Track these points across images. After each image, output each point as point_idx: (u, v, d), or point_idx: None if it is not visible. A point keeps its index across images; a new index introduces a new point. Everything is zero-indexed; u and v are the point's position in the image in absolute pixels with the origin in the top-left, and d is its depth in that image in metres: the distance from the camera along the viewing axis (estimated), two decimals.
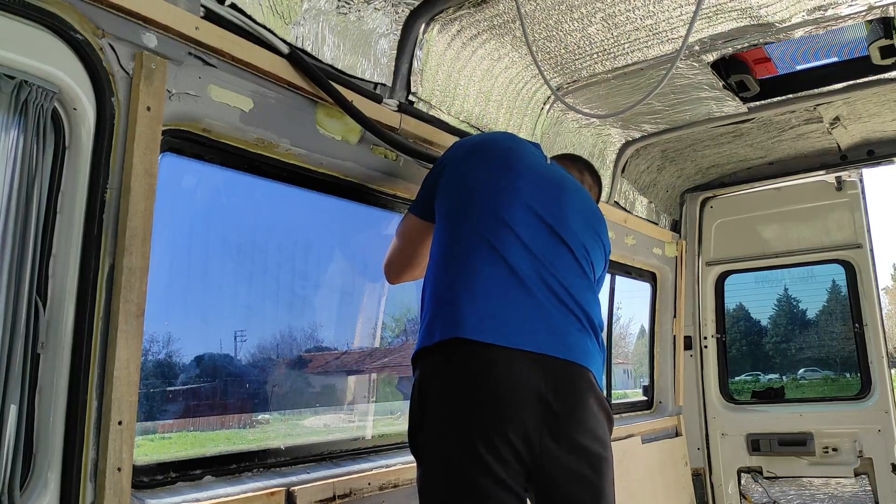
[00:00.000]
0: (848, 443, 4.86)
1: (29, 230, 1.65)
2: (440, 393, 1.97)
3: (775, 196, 5.12)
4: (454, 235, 2.16)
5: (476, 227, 2.12)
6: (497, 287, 2.02)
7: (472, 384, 1.92)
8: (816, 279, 5.47)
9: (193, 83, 2.05)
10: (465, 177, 2.26)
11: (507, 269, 2.05)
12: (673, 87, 3.46)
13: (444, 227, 2.22)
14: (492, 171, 2.25)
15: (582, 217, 2.29)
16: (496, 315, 1.97)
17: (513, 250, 2.07)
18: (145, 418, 2.29)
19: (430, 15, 2.70)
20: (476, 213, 2.15)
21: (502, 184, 2.20)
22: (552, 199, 2.24)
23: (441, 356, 1.98)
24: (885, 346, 4.97)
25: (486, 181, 2.21)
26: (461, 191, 2.23)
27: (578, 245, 2.20)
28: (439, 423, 1.95)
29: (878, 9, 2.80)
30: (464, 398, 1.91)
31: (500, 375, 1.90)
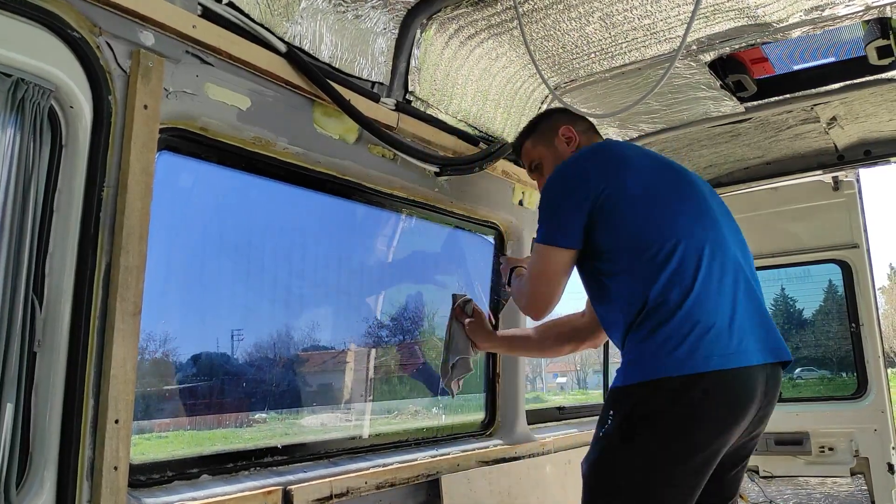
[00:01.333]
0: (844, 442, 4.87)
1: (25, 228, 1.65)
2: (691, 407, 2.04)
3: (772, 196, 5.13)
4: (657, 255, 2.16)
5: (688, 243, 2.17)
6: (728, 303, 2.14)
7: (730, 407, 2.07)
8: (813, 279, 5.48)
9: (191, 81, 2.05)
10: (630, 198, 2.24)
11: (726, 279, 2.17)
12: (670, 87, 3.47)
13: (632, 251, 2.20)
14: (653, 180, 2.31)
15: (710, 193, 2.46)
16: (740, 335, 2.10)
17: (718, 255, 2.19)
18: (142, 417, 2.29)
19: (427, 14, 2.70)
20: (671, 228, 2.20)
21: (670, 191, 2.30)
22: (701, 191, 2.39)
23: (704, 384, 2.03)
24: (882, 346, 4.98)
25: (657, 193, 2.27)
26: (631, 212, 2.23)
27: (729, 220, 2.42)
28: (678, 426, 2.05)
29: (876, 9, 2.80)
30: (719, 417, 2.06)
31: (749, 394, 2.09)
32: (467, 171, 3.05)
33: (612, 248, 2.23)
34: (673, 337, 2.04)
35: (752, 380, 2.07)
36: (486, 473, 3.10)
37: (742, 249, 2.34)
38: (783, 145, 4.39)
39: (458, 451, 3.09)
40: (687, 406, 2.01)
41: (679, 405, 2.01)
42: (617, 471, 2.10)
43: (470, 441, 3.32)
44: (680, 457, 2.03)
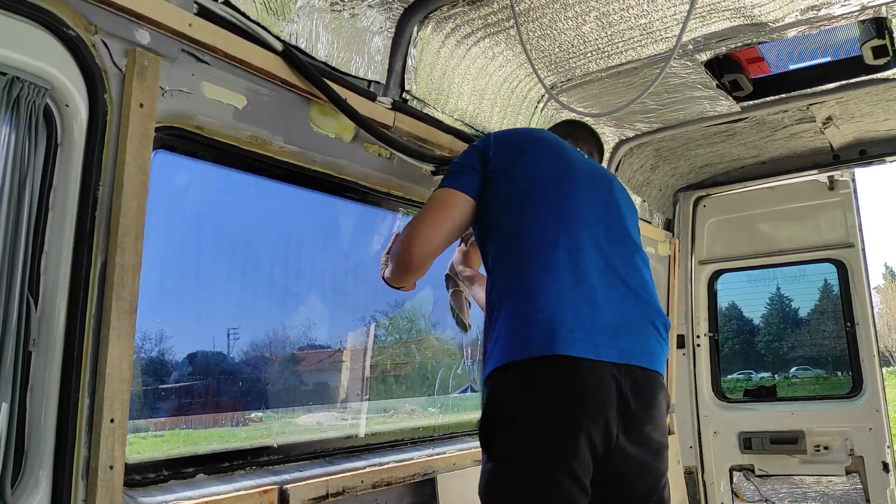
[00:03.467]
0: (839, 441, 4.88)
1: (21, 227, 1.64)
2: (532, 400, 1.97)
3: (768, 195, 5.14)
4: (527, 236, 2.15)
5: (552, 228, 2.14)
6: (583, 294, 2.06)
7: (565, 393, 1.95)
8: (808, 278, 5.50)
9: (186, 80, 2.04)
10: (524, 172, 2.25)
11: (587, 270, 2.10)
12: (666, 87, 3.47)
13: (509, 224, 2.19)
14: (552, 168, 2.29)
15: (623, 201, 2.41)
16: (586, 327, 2.01)
17: (587, 250, 2.14)
18: (137, 416, 2.29)
19: (424, 13, 2.70)
20: (546, 212, 2.18)
21: (564, 182, 2.25)
22: (602, 196, 2.34)
23: (539, 371, 1.97)
24: (877, 345, 5.00)
25: (549, 179, 2.25)
26: (521, 187, 2.22)
27: (628, 224, 2.34)
28: (525, 423, 1.97)
29: (871, 9, 2.81)
30: (555, 403, 1.95)
31: (590, 386, 1.97)
32: None
33: (487, 224, 2.24)
34: (508, 325, 2.03)
35: (579, 372, 1.96)
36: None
37: (622, 248, 2.25)
38: (779, 145, 4.40)
39: (454, 450, 3.09)
40: (517, 393, 1.98)
41: (511, 393, 1.99)
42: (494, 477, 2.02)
43: (466, 440, 3.32)
44: (519, 460, 1.96)
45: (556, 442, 1.92)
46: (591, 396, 1.96)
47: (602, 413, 1.96)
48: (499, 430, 1.99)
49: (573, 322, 1.99)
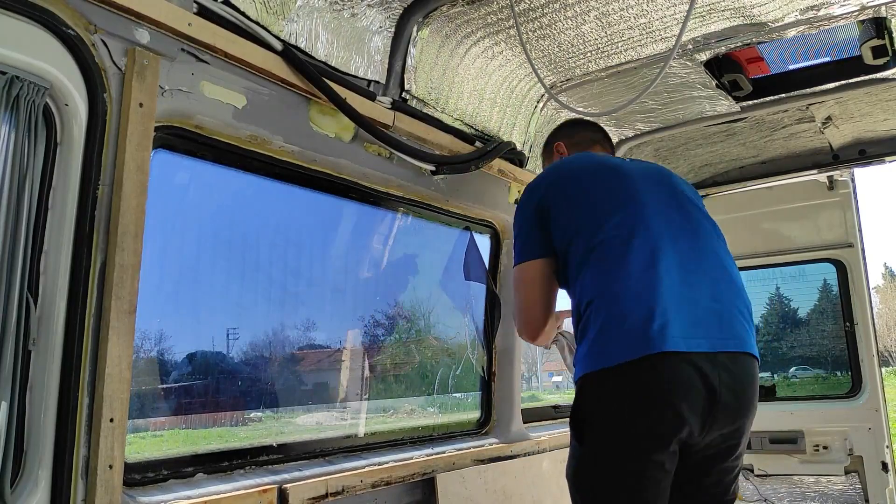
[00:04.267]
0: (838, 441, 4.89)
1: (20, 226, 1.64)
2: (626, 396, 2.06)
3: (767, 195, 5.14)
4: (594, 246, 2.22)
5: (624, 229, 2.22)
6: (666, 289, 2.12)
7: (657, 388, 2.04)
8: (808, 278, 5.50)
9: (186, 79, 2.04)
10: (581, 195, 2.34)
11: (665, 266, 2.15)
12: (666, 86, 3.47)
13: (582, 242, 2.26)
14: (602, 179, 2.39)
15: (686, 188, 2.50)
16: (673, 321, 2.07)
17: (664, 247, 2.19)
18: (137, 416, 2.28)
19: (423, 13, 2.70)
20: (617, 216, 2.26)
21: (622, 188, 2.34)
22: (664, 189, 2.41)
23: (632, 369, 2.04)
24: (876, 345, 5.00)
25: (608, 191, 2.34)
26: (584, 209, 2.31)
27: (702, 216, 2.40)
28: (618, 416, 2.07)
29: (871, 9, 2.81)
30: (648, 398, 2.04)
31: (682, 378, 2.04)
32: (463, 170, 3.06)
33: (559, 250, 2.33)
34: (598, 332, 2.10)
35: (676, 368, 2.03)
36: (482, 472, 3.11)
37: (694, 239, 2.29)
38: (778, 145, 4.40)
39: (453, 449, 3.09)
40: (611, 398, 2.06)
41: (604, 399, 2.08)
42: (580, 474, 2.16)
43: (465, 440, 3.32)
44: (620, 453, 2.06)
45: (648, 435, 2.03)
46: (683, 389, 2.04)
47: (693, 405, 2.04)
48: (592, 421, 2.10)
49: (661, 317, 2.06)
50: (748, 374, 2.16)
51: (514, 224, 2.52)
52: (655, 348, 2.01)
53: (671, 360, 2.02)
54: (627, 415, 2.04)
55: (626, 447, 2.05)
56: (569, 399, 2.86)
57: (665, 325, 2.03)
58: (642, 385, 2.03)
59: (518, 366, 3.55)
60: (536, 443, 3.53)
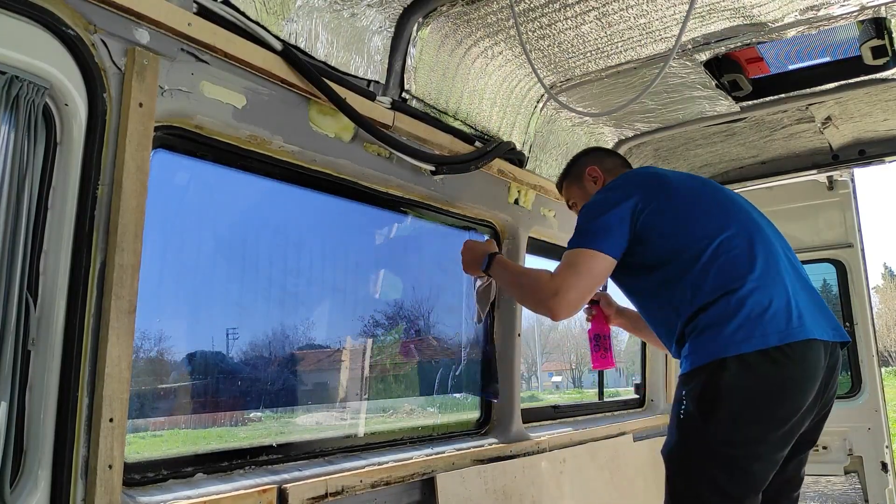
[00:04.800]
0: (838, 441, 4.89)
1: (20, 226, 1.64)
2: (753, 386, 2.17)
3: (767, 195, 5.14)
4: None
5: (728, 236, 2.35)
6: (782, 286, 2.28)
7: (808, 373, 2.19)
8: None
9: (186, 79, 2.04)
10: (670, 211, 2.44)
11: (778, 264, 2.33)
12: (666, 86, 3.47)
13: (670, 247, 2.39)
14: (691, 192, 2.52)
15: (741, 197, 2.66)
16: (798, 312, 2.22)
17: (762, 245, 2.37)
18: (136, 416, 2.28)
19: (423, 13, 2.70)
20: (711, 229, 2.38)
21: (705, 196, 2.51)
22: (727, 194, 2.61)
23: (785, 356, 2.16)
24: (876, 345, 5.00)
25: (694, 200, 2.48)
26: (671, 224, 2.42)
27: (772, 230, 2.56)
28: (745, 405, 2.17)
29: (871, 9, 2.81)
30: (783, 391, 2.18)
31: (819, 364, 2.21)
32: (463, 170, 3.06)
33: (660, 259, 2.40)
34: (733, 322, 2.18)
35: (814, 353, 2.18)
36: (481, 472, 3.11)
37: (781, 241, 2.51)
38: (778, 145, 4.40)
39: (453, 449, 3.09)
40: (759, 381, 2.14)
41: (752, 380, 2.14)
42: (702, 449, 2.20)
43: (465, 440, 3.32)
44: (760, 430, 2.15)
45: (785, 418, 2.16)
46: (815, 375, 2.20)
47: (815, 392, 2.21)
48: (728, 400, 2.15)
49: (797, 308, 2.21)
50: (840, 366, 2.36)
51: (590, 204, 2.56)
52: (800, 335, 2.15)
53: (812, 347, 2.17)
54: (774, 397, 2.14)
55: (762, 428, 2.14)
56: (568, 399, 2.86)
57: (801, 315, 2.20)
58: (787, 369, 2.14)
59: (518, 366, 3.55)
60: (536, 443, 3.53)
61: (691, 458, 2.23)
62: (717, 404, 2.16)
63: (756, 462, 2.16)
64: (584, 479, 3.76)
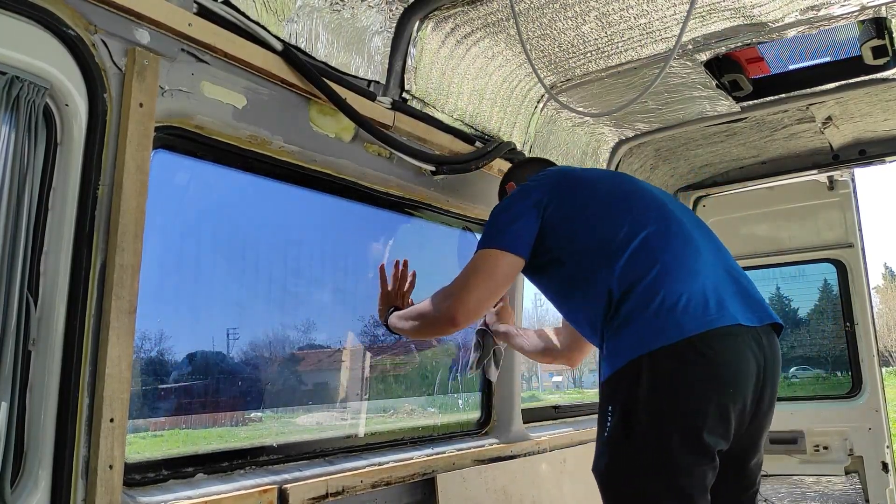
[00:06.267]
0: (838, 441, 4.89)
1: (20, 227, 1.64)
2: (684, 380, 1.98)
3: (767, 195, 5.15)
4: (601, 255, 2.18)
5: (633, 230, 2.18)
6: (695, 273, 2.10)
7: (720, 367, 1.98)
8: (808, 278, 5.51)
9: (186, 79, 2.04)
10: (579, 204, 2.31)
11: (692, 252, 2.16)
12: (666, 86, 3.47)
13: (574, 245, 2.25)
14: (601, 186, 2.38)
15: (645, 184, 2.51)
16: (716, 299, 2.04)
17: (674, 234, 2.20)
18: (137, 416, 2.28)
19: (424, 13, 2.70)
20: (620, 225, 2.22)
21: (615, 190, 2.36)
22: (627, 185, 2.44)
23: (689, 350, 1.97)
24: (876, 345, 5.00)
25: (607, 195, 2.33)
26: (581, 217, 2.28)
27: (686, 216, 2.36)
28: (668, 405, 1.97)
29: (871, 9, 2.81)
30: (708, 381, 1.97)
31: (739, 357, 2.01)
32: (463, 170, 3.06)
33: (570, 255, 2.25)
34: (645, 315, 2.00)
35: (737, 339, 2.00)
36: (482, 472, 3.11)
37: (702, 230, 2.32)
38: (778, 145, 4.40)
39: (453, 449, 3.09)
40: (680, 378, 1.95)
41: (672, 379, 1.95)
42: (630, 467, 2.00)
43: (465, 440, 3.32)
44: (688, 437, 1.94)
45: (714, 418, 1.95)
46: (745, 366, 2.01)
47: (750, 385, 2.02)
48: (646, 408, 1.97)
49: (715, 294, 2.03)
50: (778, 351, 2.16)
51: (497, 210, 2.42)
52: (721, 322, 1.97)
53: (737, 333, 2.00)
54: (698, 395, 1.95)
55: (688, 434, 1.94)
56: (569, 399, 2.86)
57: (721, 300, 2.03)
58: (710, 361, 1.95)
59: (518, 366, 3.55)
60: (536, 443, 3.53)
61: (622, 481, 2.02)
62: (638, 416, 1.97)
63: (688, 476, 1.95)
64: (585, 479, 3.75)
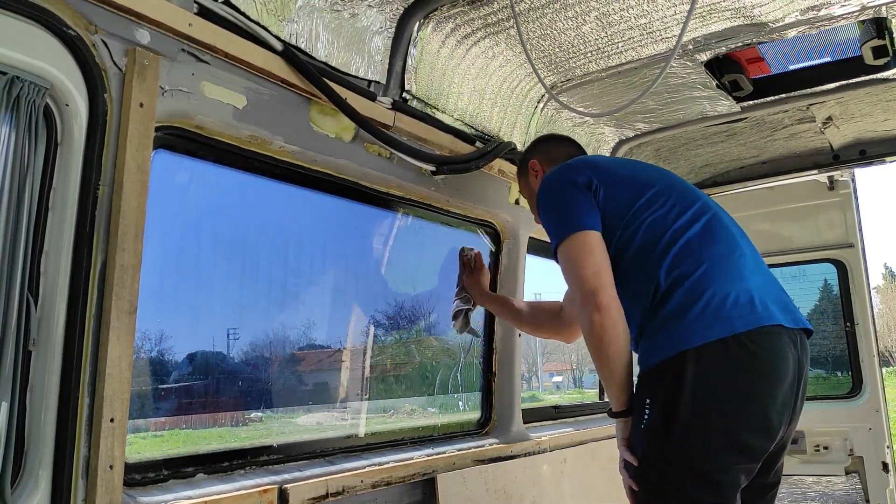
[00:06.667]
0: (839, 441, 4.89)
1: (21, 227, 1.64)
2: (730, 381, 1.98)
3: (768, 195, 5.15)
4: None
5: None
6: (741, 273, 2.13)
7: (760, 369, 1.99)
8: (808, 278, 5.50)
9: (186, 80, 2.04)
10: (625, 190, 2.30)
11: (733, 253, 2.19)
12: (666, 86, 3.47)
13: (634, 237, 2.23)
14: (638, 179, 2.36)
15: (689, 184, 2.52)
16: (761, 299, 2.06)
17: (719, 232, 2.24)
18: (137, 416, 2.28)
19: (424, 13, 2.70)
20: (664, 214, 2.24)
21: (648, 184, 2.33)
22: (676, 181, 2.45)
23: (736, 346, 1.97)
24: (876, 345, 5.00)
25: (647, 188, 2.30)
26: (627, 210, 2.26)
27: None
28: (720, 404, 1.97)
29: (871, 9, 2.81)
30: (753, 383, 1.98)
31: (781, 353, 2.02)
32: (464, 170, 3.06)
33: (616, 247, 2.23)
34: (694, 311, 2.01)
35: (781, 339, 2.02)
36: (482, 472, 3.11)
37: (737, 227, 2.37)
38: (779, 145, 4.40)
39: (453, 450, 3.09)
40: (725, 374, 1.95)
41: (717, 375, 1.95)
42: (668, 461, 2.00)
43: (466, 440, 3.32)
44: (731, 434, 1.95)
45: (758, 417, 1.98)
46: (786, 366, 2.01)
47: (785, 377, 2.01)
48: (690, 403, 1.95)
49: (759, 294, 2.05)
50: (809, 354, 2.17)
51: (545, 200, 2.38)
52: (767, 321, 1.99)
53: (780, 333, 2.01)
54: (743, 392, 1.94)
55: (730, 432, 1.94)
56: (569, 399, 2.85)
57: (765, 301, 2.05)
58: (757, 358, 1.95)
59: (518, 366, 3.55)
60: (537, 443, 3.53)
61: (656, 471, 2.03)
62: (680, 409, 1.95)
63: (724, 474, 1.96)
64: (585, 479, 3.76)
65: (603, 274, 2.14)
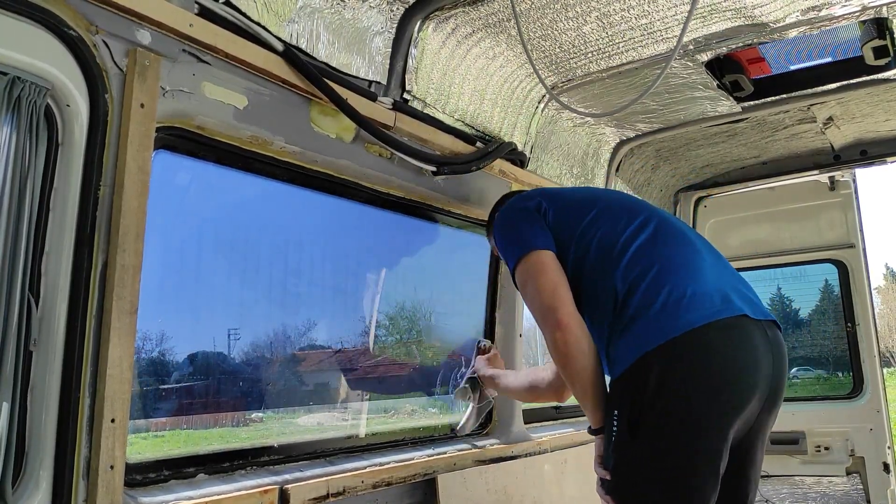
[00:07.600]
0: (840, 442, 4.88)
1: (21, 227, 1.64)
2: (694, 375, 1.96)
3: (768, 196, 5.14)
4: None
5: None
6: (696, 270, 2.12)
7: (728, 358, 1.98)
8: (809, 279, 5.50)
9: (187, 80, 2.04)
10: (574, 210, 2.37)
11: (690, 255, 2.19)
12: (667, 87, 3.47)
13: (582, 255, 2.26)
14: (586, 199, 2.42)
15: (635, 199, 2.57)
16: (721, 293, 2.05)
17: (669, 234, 2.24)
18: (138, 416, 2.28)
19: (425, 13, 2.70)
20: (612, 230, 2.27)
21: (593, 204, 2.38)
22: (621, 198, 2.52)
23: (696, 340, 1.96)
24: (877, 346, 5.00)
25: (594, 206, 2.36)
26: (578, 226, 2.31)
27: None
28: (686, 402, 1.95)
29: (872, 9, 2.81)
30: (719, 376, 1.96)
31: (746, 342, 2.01)
32: (464, 171, 3.06)
33: (571, 264, 2.25)
34: (651, 312, 2.00)
35: (745, 330, 2.00)
36: (483, 473, 3.11)
37: (694, 232, 2.37)
38: (780, 145, 4.40)
39: (454, 450, 3.09)
40: (689, 370, 1.93)
41: (680, 371, 1.93)
42: (635, 468, 1.98)
43: (466, 440, 3.32)
44: (697, 431, 1.92)
45: (725, 413, 1.95)
46: (756, 355, 2.01)
47: (753, 368, 2.00)
48: (657, 405, 1.93)
49: (719, 290, 2.05)
50: (784, 346, 2.17)
51: (499, 230, 2.46)
52: (728, 312, 1.97)
53: (745, 324, 2.00)
54: (707, 386, 1.92)
55: (696, 430, 1.91)
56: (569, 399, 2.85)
57: (726, 293, 2.04)
58: (721, 352, 1.94)
59: (520, 366, 3.54)
60: (537, 443, 3.53)
61: (626, 481, 2.00)
62: (643, 415, 1.93)
63: (693, 476, 1.92)
64: (586, 479, 3.75)
65: (560, 291, 2.16)
